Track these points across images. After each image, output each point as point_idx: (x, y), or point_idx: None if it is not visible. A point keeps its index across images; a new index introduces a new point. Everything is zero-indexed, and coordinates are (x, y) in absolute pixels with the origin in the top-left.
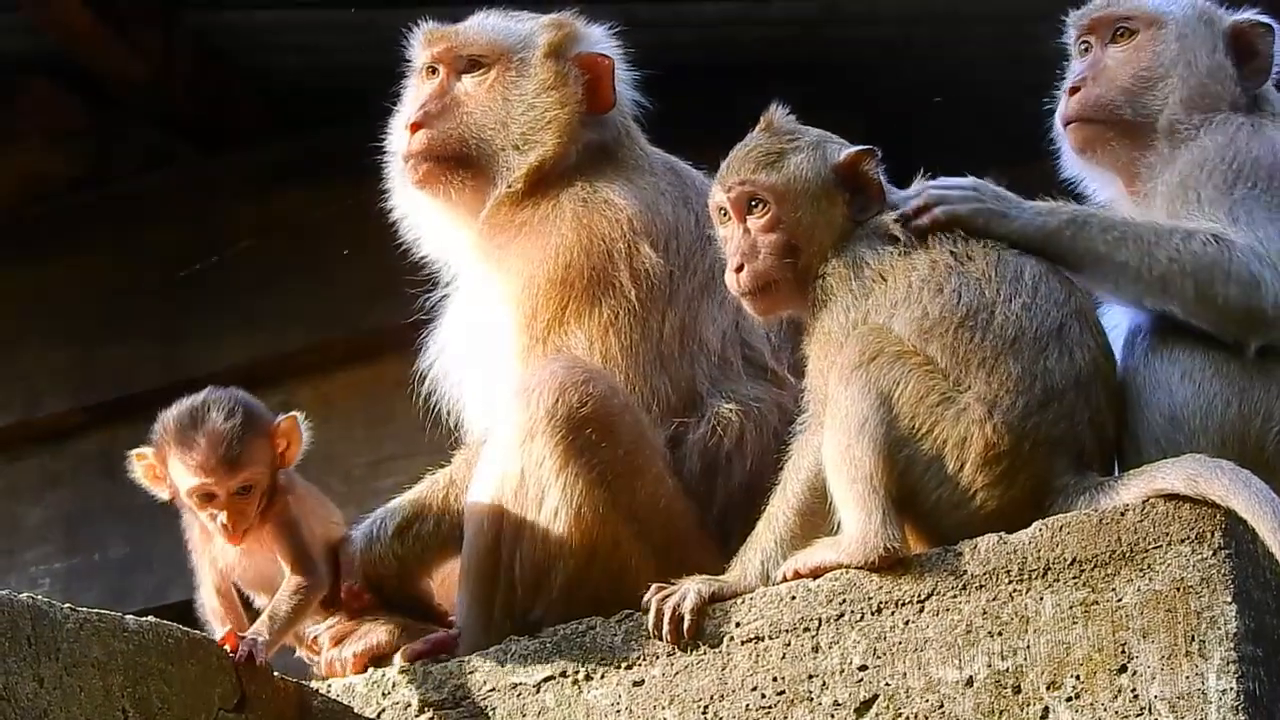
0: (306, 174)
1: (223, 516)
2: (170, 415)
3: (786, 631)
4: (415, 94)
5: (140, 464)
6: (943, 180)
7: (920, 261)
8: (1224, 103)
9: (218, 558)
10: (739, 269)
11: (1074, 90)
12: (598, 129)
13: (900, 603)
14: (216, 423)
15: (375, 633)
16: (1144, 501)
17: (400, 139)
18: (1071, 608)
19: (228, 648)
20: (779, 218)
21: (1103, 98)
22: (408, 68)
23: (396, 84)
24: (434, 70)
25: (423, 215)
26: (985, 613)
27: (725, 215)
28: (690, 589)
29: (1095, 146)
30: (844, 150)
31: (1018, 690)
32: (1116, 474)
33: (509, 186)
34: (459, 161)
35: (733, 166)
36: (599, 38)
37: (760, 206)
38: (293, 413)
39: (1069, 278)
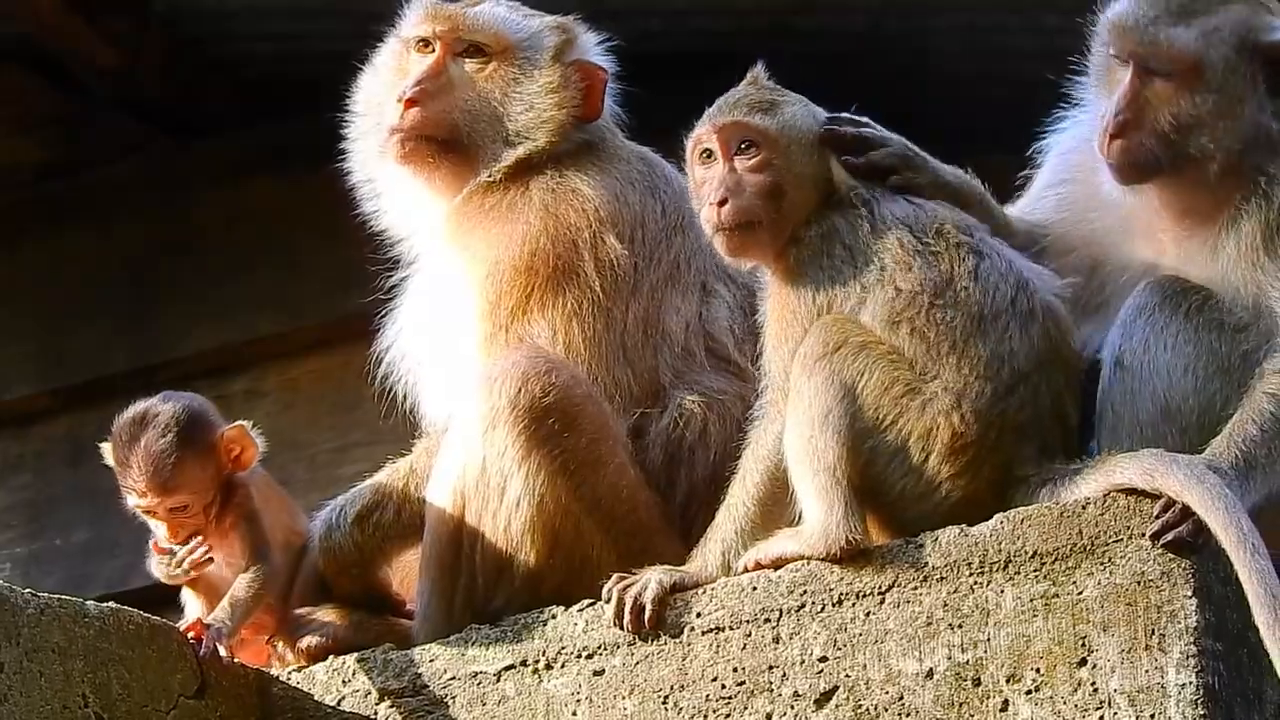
0: (277, 161)
1: (163, 529)
2: (117, 422)
3: (747, 622)
4: (401, 64)
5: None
6: None
7: (890, 240)
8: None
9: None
10: (722, 203)
11: (1115, 136)
12: (580, 131)
13: (861, 594)
14: (150, 444)
15: (332, 624)
16: (1105, 495)
17: (391, 112)
18: (1032, 600)
19: (191, 635)
20: (769, 161)
21: (1144, 145)
22: (393, 34)
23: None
24: (428, 45)
25: (396, 189)
26: (946, 605)
27: (709, 155)
28: (652, 579)
29: (1143, 182)
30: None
31: (978, 683)
32: (1076, 463)
33: (490, 176)
34: (447, 145)
35: (724, 108)
36: (594, 46)
37: (751, 148)
38: (239, 422)
39: (1003, 250)
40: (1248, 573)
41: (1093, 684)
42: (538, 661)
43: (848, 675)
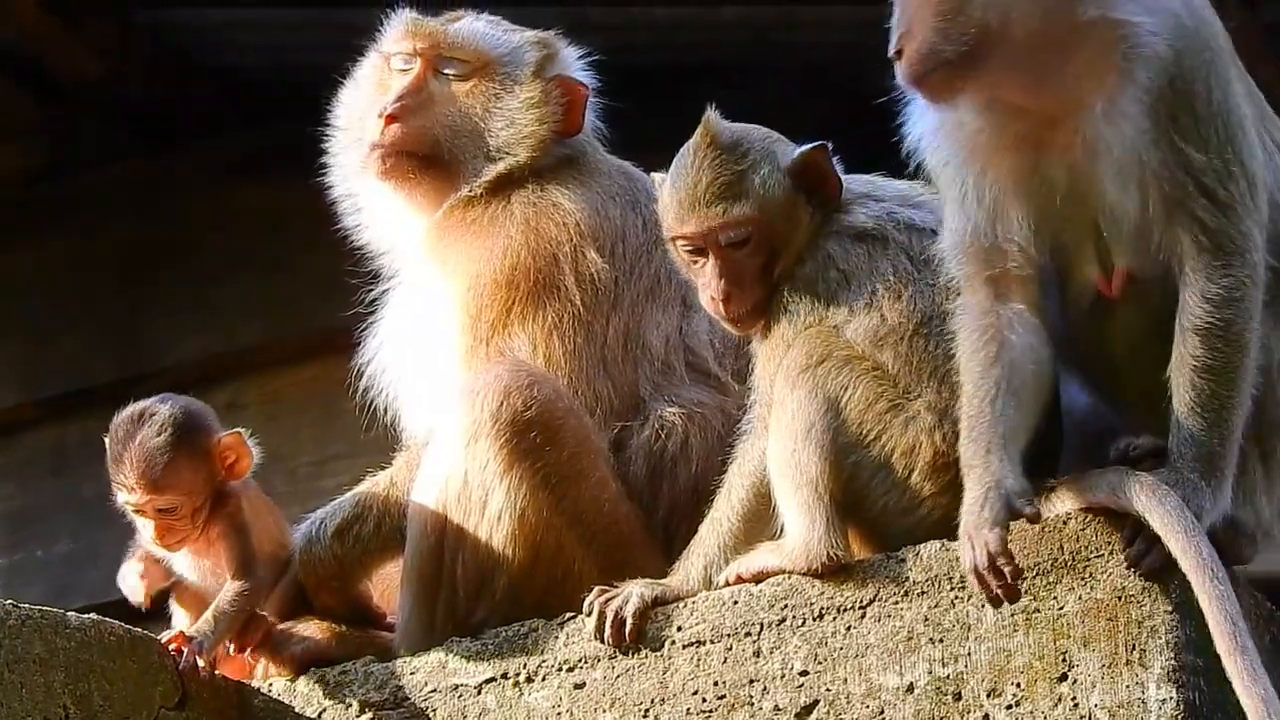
0: (260, 170)
1: (150, 529)
2: (115, 418)
3: (728, 636)
4: (383, 80)
5: None
6: None
7: (884, 266)
8: None
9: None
10: (726, 298)
11: (899, 53)
12: (561, 146)
13: (842, 608)
14: (145, 441)
15: (314, 636)
16: (1085, 511)
17: (372, 127)
18: (1013, 615)
19: (173, 647)
20: (759, 243)
21: (930, 46)
22: (374, 49)
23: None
24: (408, 60)
25: (376, 204)
26: (927, 619)
27: (696, 251)
28: (633, 592)
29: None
30: (794, 150)
31: (958, 697)
32: (1052, 480)
33: (470, 191)
34: (428, 161)
35: (698, 206)
36: (575, 60)
37: (738, 237)
38: (236, 429)
39: None
40: (1207, 598)
41: (1073, 699)
42: (519, 674)
43: (828, 689)
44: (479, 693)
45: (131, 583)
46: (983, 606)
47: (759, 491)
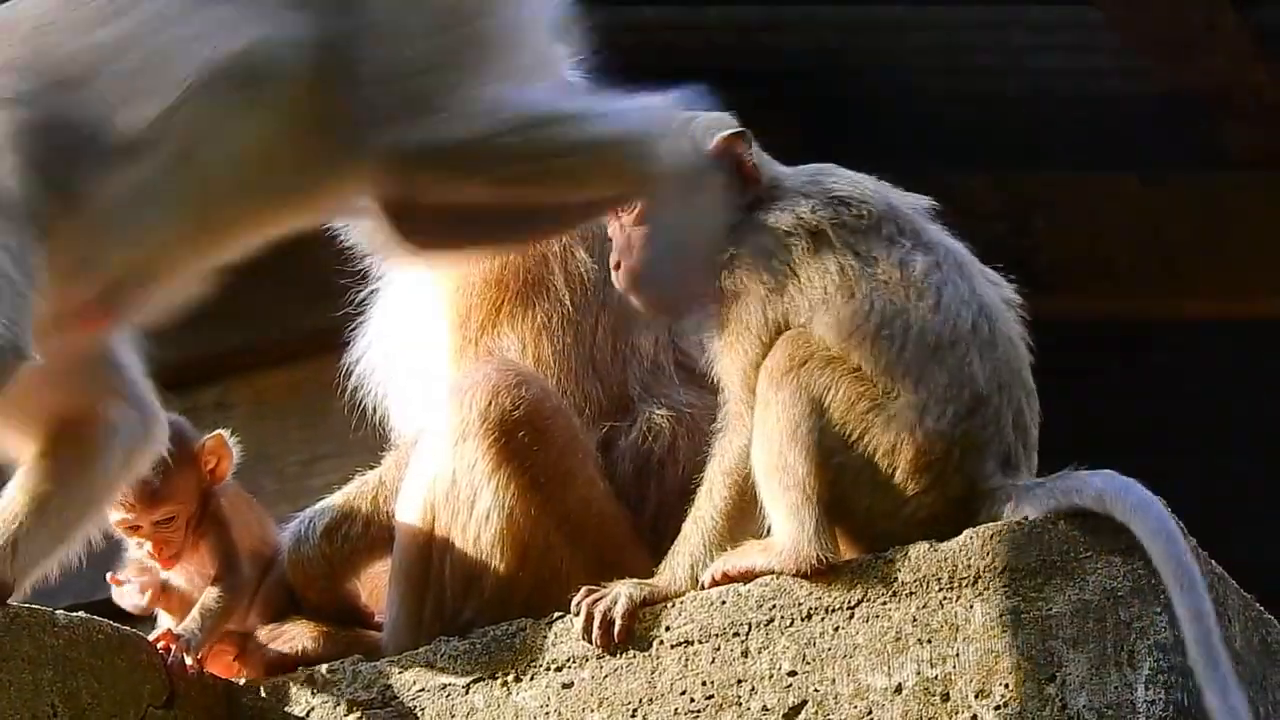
0: None
1: (148, 545)
2: None
3: (716, 636)
4: None
5: None
6: None
7: (830, 263)
8: None
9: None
10: (617, 266)
11: None
12: None
13: (830, 609)
14: None
15: (302, 637)
16: (1074, 513)
17: None
18: (1001, 616)
19: (161, 645)
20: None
21: None
22: None
23: None
24: None
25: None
26: (915, 620)
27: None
28: (621, 593)
29: None
30: (714, 135)
31: (946, 698)
32: (1040, 479)
33: None
34: None
35: None
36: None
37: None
38: (218, 431)
39: (967, 272)
40: (1184, 610)
41: (1061, 700)
42: (507, 674)
43: (816, 689)
44: (467, 692)
45: (135, 600)
46: (971, 607)
47: (740, 488)
